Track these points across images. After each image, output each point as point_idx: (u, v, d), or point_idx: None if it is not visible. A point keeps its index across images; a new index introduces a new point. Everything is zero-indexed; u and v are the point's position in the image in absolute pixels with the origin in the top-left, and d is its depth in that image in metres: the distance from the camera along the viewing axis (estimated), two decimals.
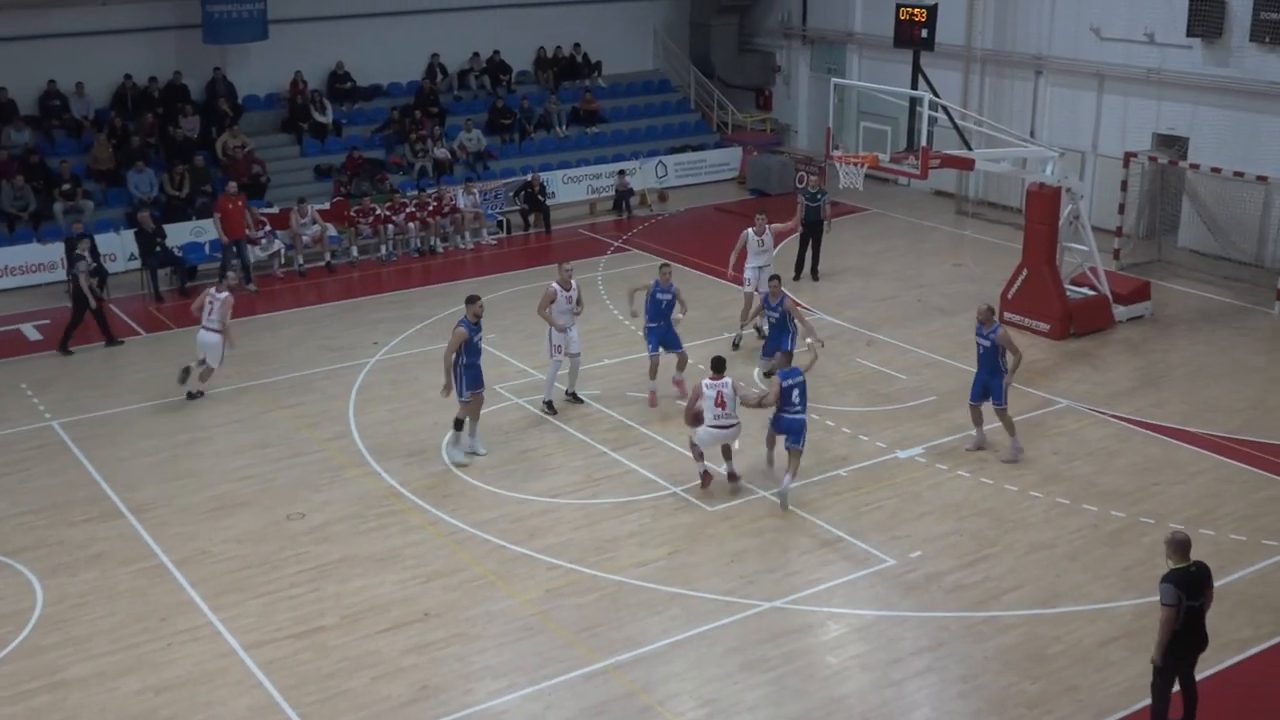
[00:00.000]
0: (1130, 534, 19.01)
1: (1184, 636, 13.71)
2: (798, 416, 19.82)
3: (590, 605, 17.24)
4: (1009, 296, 27.55)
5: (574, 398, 23.93)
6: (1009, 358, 20.91)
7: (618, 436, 22.43)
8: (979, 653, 16.08)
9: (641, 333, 24.66)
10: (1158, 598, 13.69)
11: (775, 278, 24.53)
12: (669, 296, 23.58)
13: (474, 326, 21.07)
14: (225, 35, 36.10)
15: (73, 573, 18.21)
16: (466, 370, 21.11)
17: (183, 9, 36.10)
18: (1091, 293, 27.66)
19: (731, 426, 19.91)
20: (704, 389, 19.77)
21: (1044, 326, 26.86)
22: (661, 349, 23.81)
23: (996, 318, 21.90)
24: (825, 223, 31.07)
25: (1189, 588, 13.53)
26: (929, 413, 23.32)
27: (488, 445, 21.91)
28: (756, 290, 25.92)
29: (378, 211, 33.38)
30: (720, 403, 19.66)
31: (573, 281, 23.29)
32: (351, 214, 33.21)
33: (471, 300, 21.36)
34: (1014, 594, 17.44)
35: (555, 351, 23.26)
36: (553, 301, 23.04)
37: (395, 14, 39.81)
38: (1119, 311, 27.70)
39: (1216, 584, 17.23)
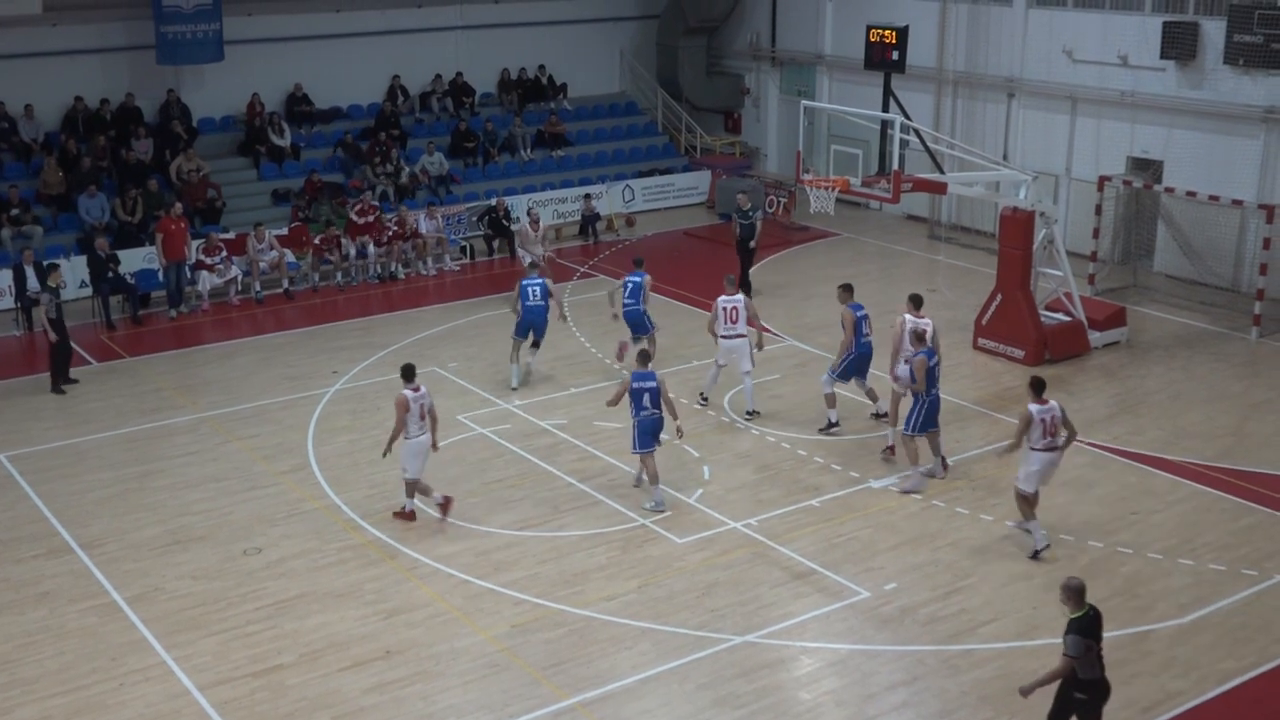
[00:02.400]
0: (1108, 564, 18.77)
1: (1099, 682, 13.36)
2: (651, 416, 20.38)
3: (558, 641, 16.95)
4: (983, 322, 27.31)
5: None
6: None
7: (584, 466, 22.09)
8: (955, 686, 15.85)
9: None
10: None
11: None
12: (639, 280, 24.91)
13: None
14: (179, 56, 35.61)
15: (19, 611, 17.81)
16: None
17: (135, 30, 35.68)
18: (1066, 318, 27.44)
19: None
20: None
21: (1019, 352, 26.59)
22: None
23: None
24: (754, 240, 31.60)
25: (1095, 633, 13.23)
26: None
27: (448, 477, 21.55)
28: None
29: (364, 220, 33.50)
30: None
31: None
32: (316, 243, 32.72)
33: None
34: (990, 626, 17.21)
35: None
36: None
37: (355, 35, 39.50)
38: (1094, 337, 27.48)
39: (1196, 615, 17.51)
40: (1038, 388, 18.80)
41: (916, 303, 22.45)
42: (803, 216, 37.87)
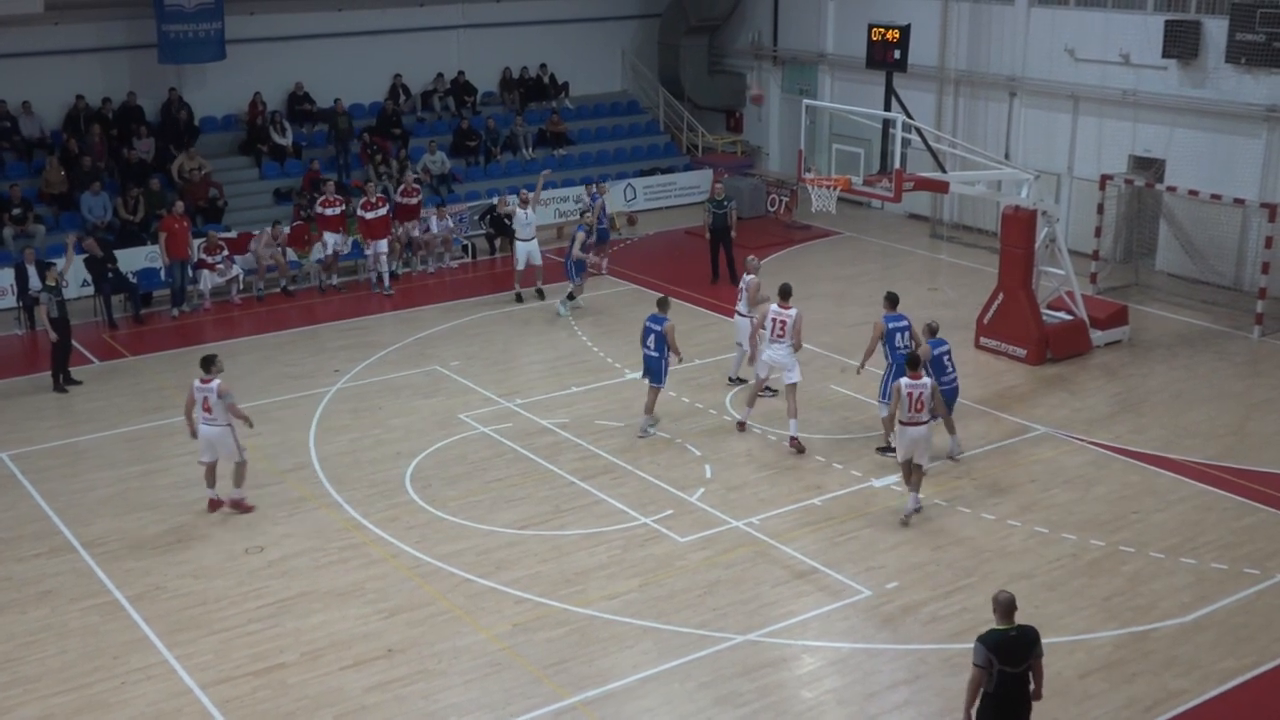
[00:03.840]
0: (1110, 563, 18.71)
1: (1000, 703, 13.03)
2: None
3: (559, 640, 16.90)
4: (984, 321, 27.26)
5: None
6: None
7: (585, 465, 22.04)
8: (957, 685, 15.62)
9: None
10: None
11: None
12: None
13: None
14: (181, 55, 35.53)
15: (21, 609, 17.76)
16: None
17: (137, 29, 35.62)
18: (1068, 317, 27.39)
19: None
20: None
21: (1020, 352, 26.55)
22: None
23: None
24: (731, 230, 31.77)
25: (1004, 652, 12.82)
26: None
27: (449, 475, 21.62)
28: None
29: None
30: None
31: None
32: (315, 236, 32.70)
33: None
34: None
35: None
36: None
37: (356, 34, 39.44)
38: (1096, 336, 27.42)
39: (1198, 614, 17.29)
40: (913, 363, 19.61)
41: (784, 294, 22.68)
42: (804, 215, 37.84)
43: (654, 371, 23.12)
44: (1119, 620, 17.16)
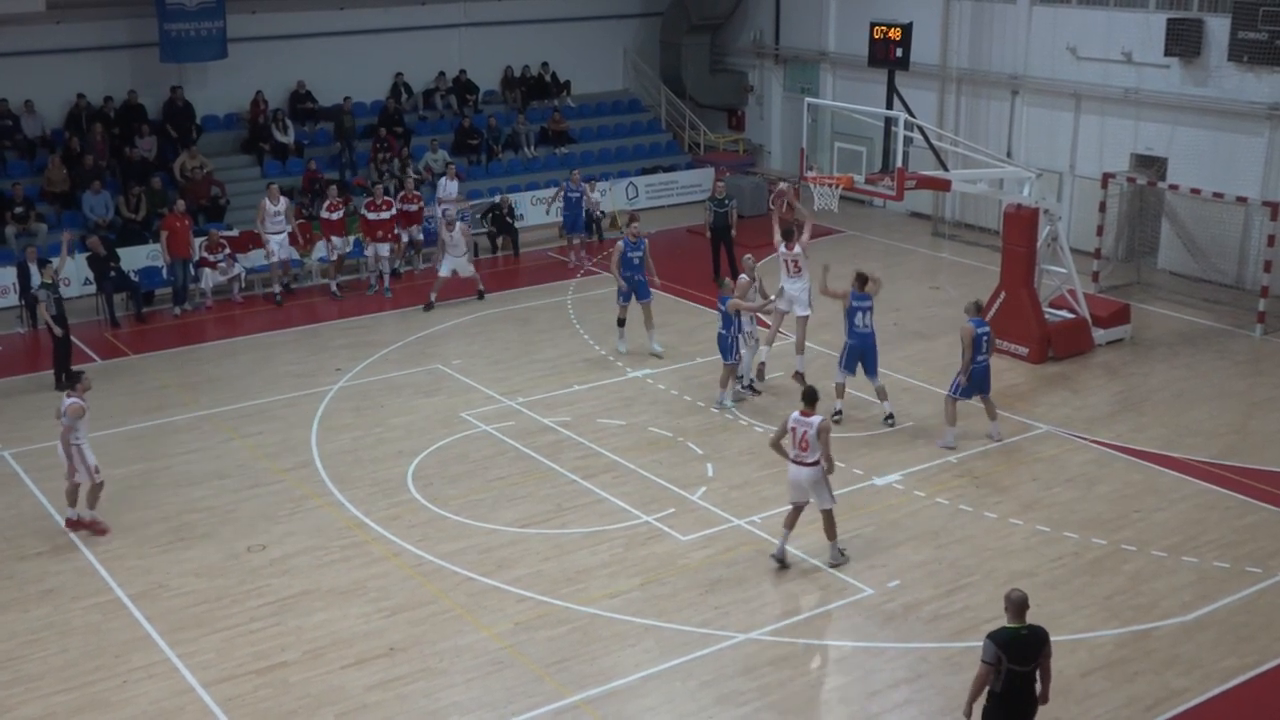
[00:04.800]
0: (1111, 562, 18.72)
1: (1007, 702, 13.05)
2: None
3: (561, 638, 16.90)
4: (986, 320, 27.14)
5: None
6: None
7: (587, 464, 22.04)
8: (959, 684, 15.68)
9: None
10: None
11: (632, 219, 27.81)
12: (577, 194, 31.09)
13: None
14: (183, 54, 35.52)
15: (23, 608, 17.77)
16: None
17: (139, 27, 35.62)
18: (1070, 315, 27.37)
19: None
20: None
21: (1022, 350, 26.53)
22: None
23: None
24: (732, 228, 31.80)
25: (1014, 650, 12.84)
26: (906, 439, 22.99)
27: (451, 474, 21.66)
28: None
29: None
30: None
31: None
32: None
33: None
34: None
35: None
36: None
37: (358, 33, 39.43)
38: (1098, 335, 27.41)
39: (1199, 612, 17.29)
40: (808, 398, 18.36)
41: (787, 235, 24.64)
42: (806, 213, 37.76)
43: (723, 350, 24.09)
44: (1121, 619, 17.16)
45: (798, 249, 24.61)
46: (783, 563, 18.46)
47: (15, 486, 21.54)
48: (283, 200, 31.65)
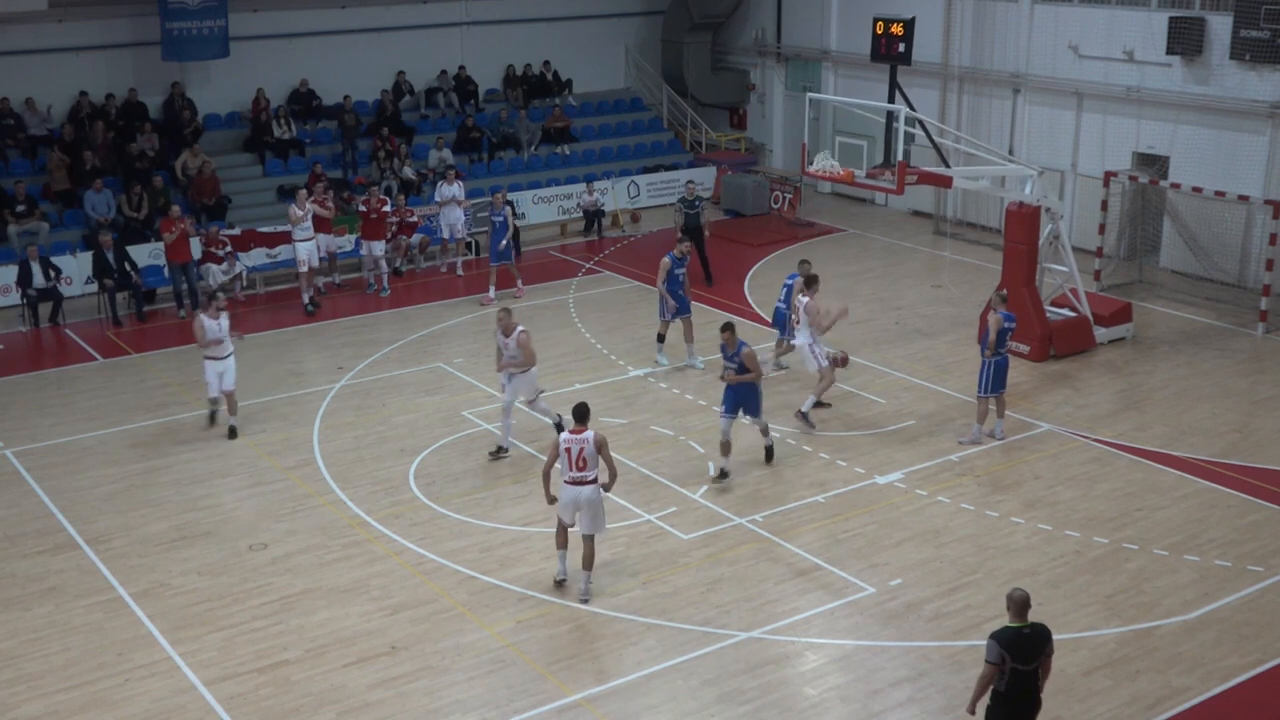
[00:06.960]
0: (1113, 560, 18.71)
1: (1011, 701, 13.05)
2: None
3: (562, 637, 16.91)
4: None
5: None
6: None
7: None
8: (960, 682, 15.75)
9: None
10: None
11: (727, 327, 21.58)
12: (500, 218, 29.85)
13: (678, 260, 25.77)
14: (185, 52, 35.53)
15: (25, 606, 17.78)
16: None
17: (141, 26, 35.66)
18: (1072, 314, 27.38)
19: None
20: None
21: (1024, 348, 26.51)
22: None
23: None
24: (704, 229, 31.60)
25: (1017, 649, 12.83)
26: (908, 437, 22.97)
27: (453, 473, 21.64)
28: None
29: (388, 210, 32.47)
30: None
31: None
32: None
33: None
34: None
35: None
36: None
37: (359, 31, 39.47)
38: (1100, 333, 27.40)
39: (1201, 611, 17.30)
40: (578, 415, 17.48)
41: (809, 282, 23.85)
42: (808, 213, 37.86)
43: (781, 325, 25.24)
44: (1122, 618, 17.16)
45: (806, 299, 23.49)
46: (562, 585, 18.00)
47: (17, 485, 21.52)
48: (309, 205, 30.63)
